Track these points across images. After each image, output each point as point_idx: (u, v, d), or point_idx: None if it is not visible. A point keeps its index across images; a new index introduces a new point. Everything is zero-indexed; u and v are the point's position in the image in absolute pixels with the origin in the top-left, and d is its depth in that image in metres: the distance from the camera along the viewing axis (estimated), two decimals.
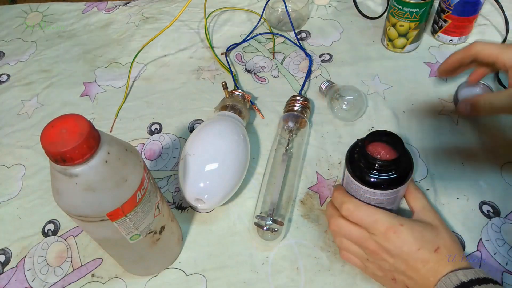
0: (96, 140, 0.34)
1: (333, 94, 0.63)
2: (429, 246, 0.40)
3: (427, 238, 0.41)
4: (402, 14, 0.65)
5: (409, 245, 0.40)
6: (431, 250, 0.40)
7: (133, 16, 0.86)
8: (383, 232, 0.41)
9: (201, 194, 0.50)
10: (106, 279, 0.51)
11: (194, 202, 0.51)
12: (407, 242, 0.40)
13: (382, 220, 0.41)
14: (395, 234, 0.40)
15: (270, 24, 0.79)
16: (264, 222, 0.51)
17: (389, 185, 0.42)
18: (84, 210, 0.36)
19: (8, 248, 0.55)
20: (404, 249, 0.40)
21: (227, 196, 0.52)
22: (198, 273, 0.50)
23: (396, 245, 0.40)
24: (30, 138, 0.67)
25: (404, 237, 0.40)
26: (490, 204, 0.52)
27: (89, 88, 0.74)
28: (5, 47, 0.84)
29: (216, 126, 0.55)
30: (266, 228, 0.50)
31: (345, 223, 0.43)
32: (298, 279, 0.48)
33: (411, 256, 0.40)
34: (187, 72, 0.74)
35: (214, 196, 0.51)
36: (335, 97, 0.62)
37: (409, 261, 0.40)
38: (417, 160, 0.57)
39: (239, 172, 0.53)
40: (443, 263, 0.39)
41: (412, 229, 0.41)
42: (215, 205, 0.52)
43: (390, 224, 0.41)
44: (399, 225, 0.40)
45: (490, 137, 0.59)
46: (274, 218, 0.51)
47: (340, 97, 0.62)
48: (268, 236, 0.51)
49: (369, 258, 0.43)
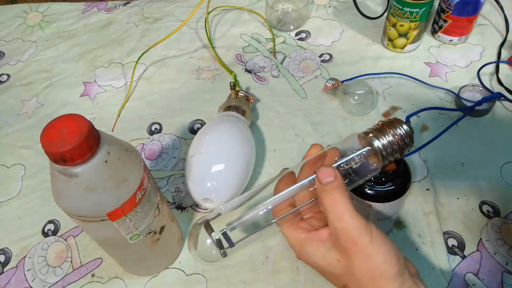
0: (96, 140, 0.34)
1: (342, 91, 0.63)
2: (336, 283, 0.37)
3: (333, 275, 0.36)
4: (402, 14, 0.65)
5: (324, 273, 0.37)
6: (340, 287, 0.37)
7: (133, 16, 0.86)
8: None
9: (209, 194, 0.50)
10: (106, 279, 0.51)
11: (201, 202, 0.51)
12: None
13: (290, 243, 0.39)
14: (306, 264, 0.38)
15: (270, 24, 0.79)
16: (217, 232, 0.37)
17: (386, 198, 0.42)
18: (84, 210, 0.36)
19: (8, 248, 0.55)
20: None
21: (234, 196, 0.52)
22: (198, 273, 0.50)
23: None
24: (30, 138, 0.67)
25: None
26: (490, 204, 0.52)
27: (89, 88, 0.74)
28: (5, 47, 0.84)
29: (224, 126, 0.55)
30: (215, 240, 0.37)
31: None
32: (298, 279, 0.48)
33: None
34: (187, 72, 0.74)
35: (221, 196, 0.51)
36: (345, 93, 0.62)
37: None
38: (417, 160, 0.57)
39: (246, 172, 0.54)
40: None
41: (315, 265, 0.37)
42: (222, 204, 0.52)
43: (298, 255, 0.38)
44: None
45: (490, 137, 0.59)
46: (229, 235, 0.37)
47: (350, 93, 0.62)
48: (206, 251, 0.38)
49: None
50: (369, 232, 0.33)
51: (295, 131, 0.63)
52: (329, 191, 0.34)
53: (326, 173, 0.34)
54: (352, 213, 0.33)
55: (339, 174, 0.35)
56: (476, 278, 0.47)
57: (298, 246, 0.37)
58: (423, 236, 0.50)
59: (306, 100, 0.67)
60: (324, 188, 0.34)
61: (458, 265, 0.48)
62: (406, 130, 0.36)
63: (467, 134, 0.59)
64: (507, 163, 0.56)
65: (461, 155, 0.57)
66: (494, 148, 0.58)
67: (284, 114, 0.65)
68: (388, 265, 0.33)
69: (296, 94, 0.68)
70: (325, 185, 0.34)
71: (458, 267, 0.48)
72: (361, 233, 0.33)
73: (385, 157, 0.37)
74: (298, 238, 0.37)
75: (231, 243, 0.37)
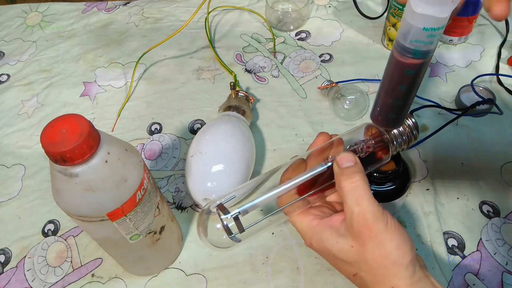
0: (96, 140, 0.34)
1: (334, 94, 0.63)
2: (347, 272, 0.36)
3: (345, 262, 0.36)
4: (402, 14, 0.65)
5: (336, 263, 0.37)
6: (349, 275, 0.36)
7: (133, 16, 0.86)
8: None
9: (209, 194, 0.50)
10: (106, 279, 0.51)
11: (201, 202, 0.51)
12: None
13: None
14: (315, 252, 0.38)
15: (270, 24, 0.79)
16: (228, 215, 0.36)
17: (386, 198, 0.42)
18: (84, 210, 0.36)
19: (8, 248, 0.55)
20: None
21: None
22: (198, 273, 0.50)
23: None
24: (30, 138, 0.67)
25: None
26: (490, 204, 0.52)
27: (89, 88, 0.74)
28: (5, 47, 0.84)
29: (224, 126, 0.55)
30: (225, 225, 0.36)
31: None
32: (298, 279, 0.48)
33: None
34: (187, 72, 0.74)
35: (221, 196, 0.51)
36: (337, 96, 0.62)
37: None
38: (417, 160, 0.57)
39: (246, 172, 0.54)
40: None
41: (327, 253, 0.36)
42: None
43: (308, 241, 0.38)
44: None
45: (490, 137, 0.59)
46: (240, 220, 0.36)
47: (342, 97, 0.62)
48: (217, 236, 0.37)
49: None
50: (385, 219, 0.33)
51: (295, 131, 0.63)
52: (350, 174, 0.34)
53: (346, 158, 0.35)
54: (371, 199, 0.33)
55: (358, 160, 0.35)
56: (476, 278, 0.47)
57: (310, 232, 0.37)
58: (423, 236, 0.50)
59: (306, 100, 0.67)
60: (344, 172, 0.34)
61: (458, 265, 0.48)
62: (414, 122, 0.37)
63: (467, 134, 0.59)
64: (507, 163, 0.56)
65: (461, 155, 0.57)
66: (494, 148, 0.58)
67: (284, 114, 0.65)
68: (401, 252, 0.33)
69: (296, 94, 0.68)
70: (345, 169, 0.34)
71: (458, 267, 0.48)
72: (377, 219, 0.33)
73: (395, 147, 0.37)
74: (310, 224, 0.37)
75: (241, 228, 0.36)
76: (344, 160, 0.35)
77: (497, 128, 0.60)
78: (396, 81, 0.34)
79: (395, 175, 0.41)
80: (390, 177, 0.41)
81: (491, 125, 0.60)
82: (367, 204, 0.33)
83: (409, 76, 0.33)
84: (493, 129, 0.60)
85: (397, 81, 0.34)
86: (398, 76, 0.33)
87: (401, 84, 0.34)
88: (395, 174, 0.41)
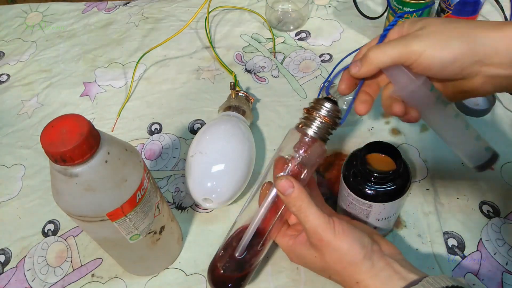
0: (96, 140, 0.34)
1: (334, 94, 0.63)
2: (325, 276, 0.41)
3: (319, 270, 0.41)
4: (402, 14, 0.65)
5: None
6: (328, 278, 0.41)
7: (133, 16, 0.86)
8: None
9: (209, 194, 0.50)
10: (106, 279, 0.51)
11: (201, 202, 0.51)
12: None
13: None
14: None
15: (270, 24, 0.79)
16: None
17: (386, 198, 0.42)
18: (84, 210, 0.36)
19: (8, 248, 0.55)
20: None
21: (234, 196, 0.52)
22: (198, 273, 0.50)
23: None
24: (30, 138, 0.67)
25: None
26: (490, 204, 0.52)
27: (89, 88, 0.74)
28: (5, 47, 0.84)
29: (224, 126, 0.55)
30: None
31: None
32: (298, 279, 0.48)
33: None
34: (187, 72, 0.74)
35: (222, 196, 0.51)
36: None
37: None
38: (417, 160, 0.57)
39: (246, 172, 0.53)
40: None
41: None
42: (222, 204, 0.52)
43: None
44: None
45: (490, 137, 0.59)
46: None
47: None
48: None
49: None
50: (331, 228, 0.37)
51: None
52: (292, 201, 0.38)
53: (284, 186, 0.38)
54: (315, 214, 0.37)
55: (295, 182, 0.38)
56: (476, 278, 0.47)
57: (288, 251, 0.42)
58: (423, 236, 0.50)
59: (306, 100, 0.67)
60: (287, 199, 0.38)
61: (458, 265, 0.48)
62: (329, 107, 0.39)
63: None
64: (507, 163, 0.56)
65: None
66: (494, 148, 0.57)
67: (284, 114, 0.65)
68: (353, 252, 0.37)
69: (296, 94, 0.68)
70: (287, 196, 0.38)
71: (458, 267, 0.48)
72: (324, 230, 0.37)
73: (323, 138, 0.40)
74: (287, 244, 0.42)
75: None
76: (283, 189, 0.38)
77: (497, 128, 0.60)
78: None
79: (395, 175, 0.41)
80: (390, 177, 0.41)
81: (491, 125, 0.60)
82: (313, 219, 0.37)
83: None
84: (493, 129, 0.60)
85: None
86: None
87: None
88: (395, 174, 0.41)
